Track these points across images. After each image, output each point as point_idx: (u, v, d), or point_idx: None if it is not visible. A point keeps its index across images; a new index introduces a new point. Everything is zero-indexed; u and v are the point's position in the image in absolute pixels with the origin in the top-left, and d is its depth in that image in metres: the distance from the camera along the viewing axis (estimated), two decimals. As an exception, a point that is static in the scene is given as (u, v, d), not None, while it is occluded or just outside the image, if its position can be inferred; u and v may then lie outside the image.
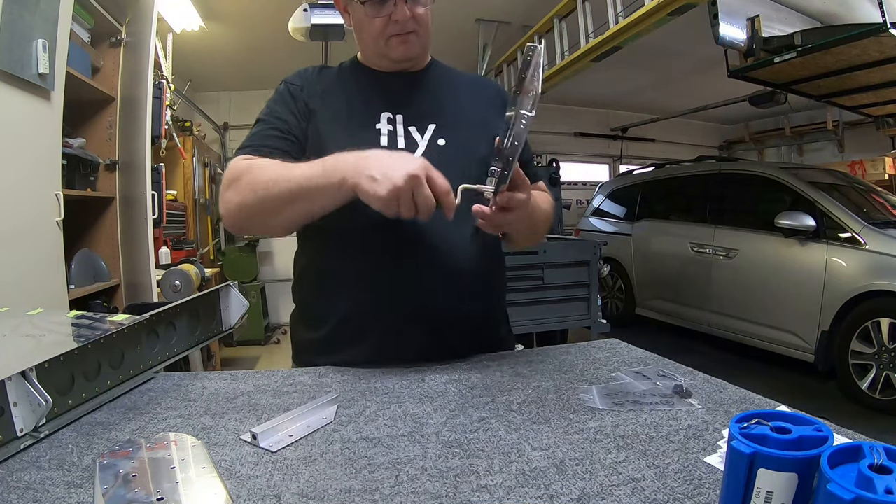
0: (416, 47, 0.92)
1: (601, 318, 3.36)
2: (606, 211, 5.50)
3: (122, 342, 0.73)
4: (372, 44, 0.92)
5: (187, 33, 3.79)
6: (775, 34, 2.95)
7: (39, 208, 1.84)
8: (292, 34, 3.33)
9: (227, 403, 0.68)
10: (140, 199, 2.58)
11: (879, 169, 6.12)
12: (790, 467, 0.34)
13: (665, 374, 0.75)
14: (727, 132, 8.23)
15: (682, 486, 0.46)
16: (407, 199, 0.67)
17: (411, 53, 0.92)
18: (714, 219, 4.17)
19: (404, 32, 0.89)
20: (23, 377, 0.57)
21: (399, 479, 0.48)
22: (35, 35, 1.74)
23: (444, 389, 0.72)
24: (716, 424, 0.59)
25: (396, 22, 0.87)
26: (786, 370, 3.59)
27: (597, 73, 4.14)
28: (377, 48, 0.92)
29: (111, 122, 2.61)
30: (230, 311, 0.95)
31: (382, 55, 0.93)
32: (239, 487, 0.47)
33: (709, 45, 3.01)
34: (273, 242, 5.76)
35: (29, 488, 0.47)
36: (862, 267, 3.06)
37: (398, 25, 0.87)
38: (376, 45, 0.91)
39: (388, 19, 0.87)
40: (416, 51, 0.93)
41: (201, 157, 4.47)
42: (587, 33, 3.46)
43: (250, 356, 4.59)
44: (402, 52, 0.91)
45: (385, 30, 0.88)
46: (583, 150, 7.38)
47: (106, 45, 2.65)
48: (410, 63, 0.95)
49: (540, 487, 0.46)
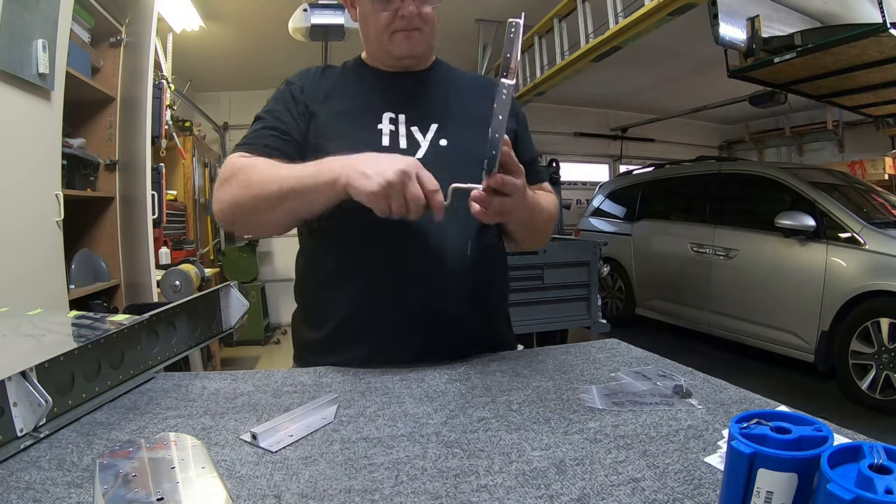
0: (421, 45, 0.92)
1: (601, 318, 3.36)
2: (606, 211, 5.50)
3: (122, 342, 0.73)
4: (376, 39, 0.92)
5: (187, 33, 3.78)
6: (775, 34, 2.95)
7: (39, 208, 1.84)
8: (292, 34, 3.33)
9: (227, 403, 0.68)
10: (140, 199, 2.58)
11: (879, 169, 6.12)
12: (790, 467, 0.34)
13: (665, 374, 0.75)
14: (727, 132, 8.23)
15: (682, 486, 0.46)
16: (397, 196, 0.68)
17: (415, 51, 0.92)
18: (714, 219, 4.17)
19: (409, 29, 0.89)
20: (23, 377, 0.57)
21: (399, 479, 0.48)
22: (35, 35, 1.74)
23: (444, 389, 0.72)
24: (716, 424, 0.59)
25: (402, 17, 0.87)
26: (786, 370, 3.59)
27: (597, 73, 4.14)
28: (381, 44, 0.91)
29: (111, 122, 2.61)
30: (230, 311, 0.95)
31: (386, 51, 0.92)
32: (239, 487, 0.47)
33: (709, 45, 3.01)
34: (273, 242, 5.76)
35: (29, 488, 0.47)
36: (862, 267, 3.06)
37: (404, 21, 0.87)
38: (380, 40, 0.91)
39: (394, 14, 0.87)
40: (420, 48, 0.92)
41: (201, 157, 4.46)
42: (587, 33, 3.46)
43: (250, 356, 4.59)
44: (406, 49, 0.91)
45: (390, 25, 0.88)
46: (583, 150, 7.37)
47: (106, 45, 2.65)
48: (414, 61, 0.95)
49: (540, 487, 0.46)
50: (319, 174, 0.74)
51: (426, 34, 0.91)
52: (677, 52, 4.77)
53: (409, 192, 0.68)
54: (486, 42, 4.59)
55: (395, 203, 0.68)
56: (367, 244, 0.86)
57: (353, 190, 0.70)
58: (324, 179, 0.73)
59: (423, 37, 0.91)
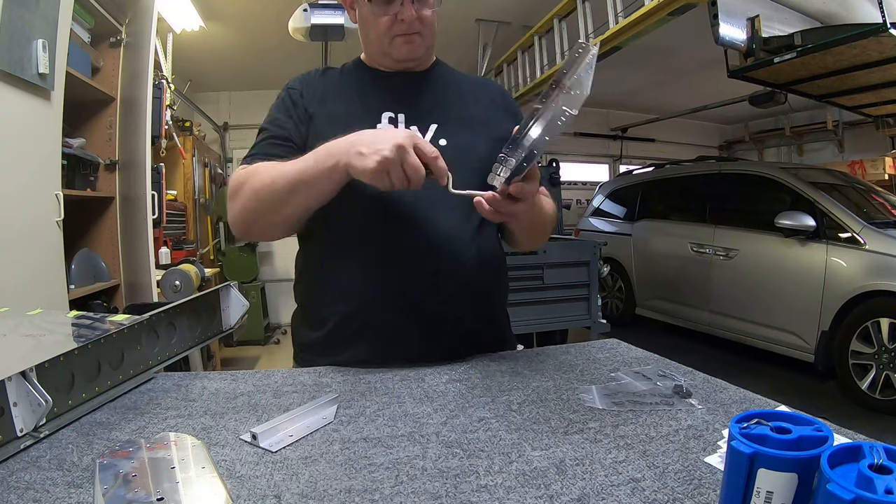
0: (421, 48, 0.92)
1: (601, 318, 3.36)
2: (606, 211, 5.50)
3: (122, 342, 0.73)
4: (376, 42, 0.92)
5: (187, 33, 3.79)
6: (775, 34, 2.95)
7: (39, 208, 1.84)
8: (292, 34, 3.33)
9: (227, 403, 0.68)
10: (140, 199, 2.58)
11: (879, 169, 6.12)
12: (790, 467, 0.34)
13: (665, 374, 0.75)
14: (727, 132, 8.23)
15: (682, 486, 0.46)
16: (396, 169, 0.68)
17: (415, 54, 0.93)
18: (714, 219, 4.17)
19: (409, 33, 0.89)
20: (23, 377, 0.57)
21: (399, 479, 0.48)
22: (35, 35, 1.74)
23: (444, 389, 0.72)
24: (716, 424, 0.59)
25: (402, 22, 0.87)
26: (786, 370, 3.59)
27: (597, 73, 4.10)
28: (381, 47, 0.92)
29: (111, 122, 2.61)
30: (230, 311, 0.94)
31: (386, 54, 0.93)
32: (239, 487, 0.47)
33: (709, 45, 3.00)
34: (273, 242, 5.76)
35: (29, 488, 0.47)
36: (862, 267, 3.06)
37: (403, 25, 0.88)
38: (380, 43, 0.91)
39: (393, 18, 0.87)
40: (419, 52, 0.93)
41: (201, 157, 4.47)
42: (587, 33, 3.46)
43: (250, 356, 4.60)
44: (406, 53, 0.91)
45: (390, 29, 0.89)
46: (583, 150, 7.37)
47: (106, 45, 2.65)
48: (414, 63, 0.95)
49: (540, 487, 0.46)
50: (320, 162, 0.75)
51: (426, 37, 0.92)
52: (677, 52, 4.77)
53: (408, 164, 0.68)
54: (486, 42, 4.59)
55: (395, 177, 0.69)
56: (366, 244, 0.86)
57: (353, 170, 0.71)
58: (325, 166, 0.74)
59: (422, 40, 0.91)
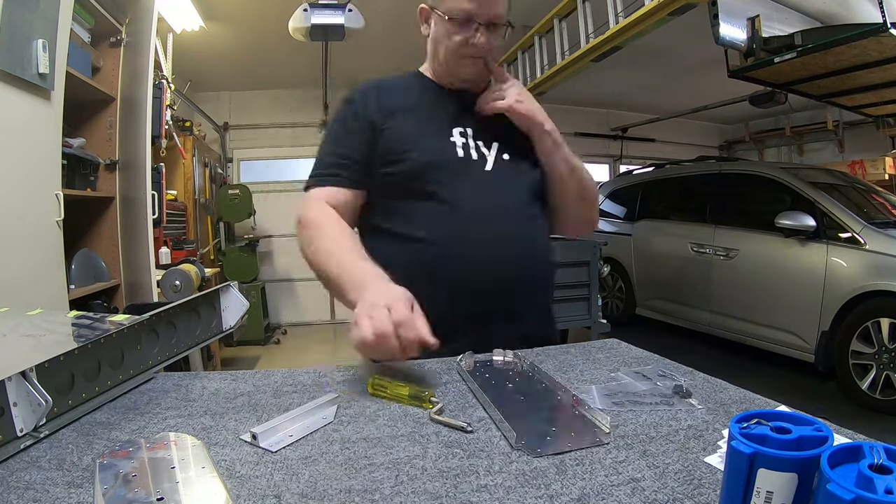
0: (485, 72, 1.01)
1: (601, 318, 3.36)
2: (606, 211, 5.49)
3: (122, 342, 0.73)
4: (444, 59, 0.99)
5: (187, 33, 3.79)
6: (775, 34, 2.95)
7: (39, 208, 1.84)
8: (292, 34, 3.34)
9: (227, 403, 0.68)
10: (140, 199, 2.58)
11: (879, 169, 6.12)
12: (790, 467, 0.34)
13: (665, 374, 0.75)
14: (727, 132, 8.23)
15: (682, 486, 0.46)
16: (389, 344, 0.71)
17: (479, 77, 1.01)
18: (714, 219, 4.17)
19: (477, 56, 0.97)
20: (23, 377, 0.57)
21: (399, 479, 0.48)
22: (35, 35, 1.74)
23: (444, 389, 0.72)
24: (716, 424, 0.59)
25: (473, 45, 0.95)
26: (786, 370, 3.59)
27: (597, 73, 4.13)
28: (448, 65, 1.00)
29: (111, 122, 2.61)
30: (230, 311, 0.94)
31: (452, 73, 1.01)
32: (239, 487, 0.47)
33: (709, 45, 3.00)
34: (273, 242, 5.76)
35: (29, 488, 0.47)
36: (862, 267, 3.06)
37: (474, 49, 0.95)
38: (448, 61, 0.99)
39: (465, 40, 0.95)
40: (484, 75, 1.02)
41: (201, 157, 4.47)
42: (587, 33, 3.46)
43: (250, 356, 4.60)
44: (471, 74, 1.00)
45: (461, 49, 0.96)
46: (583, 150, 7.36)
47: (106, 45, 2.65)
48: (473, 84, 1.03)
49: (540, 487, 0.46)
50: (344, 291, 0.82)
51: (489, 62, 0.99)
52: (677, 52, 4.76)
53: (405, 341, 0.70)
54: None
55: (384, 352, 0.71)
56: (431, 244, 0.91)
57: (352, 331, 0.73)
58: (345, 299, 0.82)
59: (485, 65, 0.99)
